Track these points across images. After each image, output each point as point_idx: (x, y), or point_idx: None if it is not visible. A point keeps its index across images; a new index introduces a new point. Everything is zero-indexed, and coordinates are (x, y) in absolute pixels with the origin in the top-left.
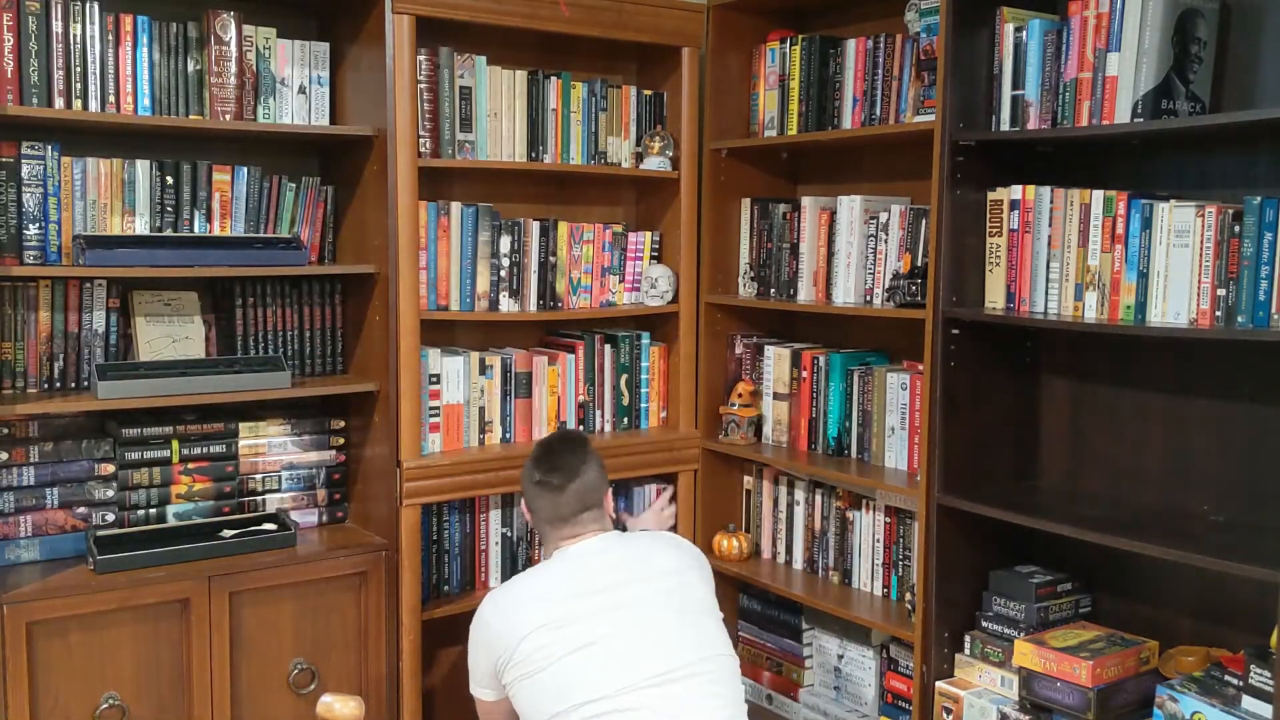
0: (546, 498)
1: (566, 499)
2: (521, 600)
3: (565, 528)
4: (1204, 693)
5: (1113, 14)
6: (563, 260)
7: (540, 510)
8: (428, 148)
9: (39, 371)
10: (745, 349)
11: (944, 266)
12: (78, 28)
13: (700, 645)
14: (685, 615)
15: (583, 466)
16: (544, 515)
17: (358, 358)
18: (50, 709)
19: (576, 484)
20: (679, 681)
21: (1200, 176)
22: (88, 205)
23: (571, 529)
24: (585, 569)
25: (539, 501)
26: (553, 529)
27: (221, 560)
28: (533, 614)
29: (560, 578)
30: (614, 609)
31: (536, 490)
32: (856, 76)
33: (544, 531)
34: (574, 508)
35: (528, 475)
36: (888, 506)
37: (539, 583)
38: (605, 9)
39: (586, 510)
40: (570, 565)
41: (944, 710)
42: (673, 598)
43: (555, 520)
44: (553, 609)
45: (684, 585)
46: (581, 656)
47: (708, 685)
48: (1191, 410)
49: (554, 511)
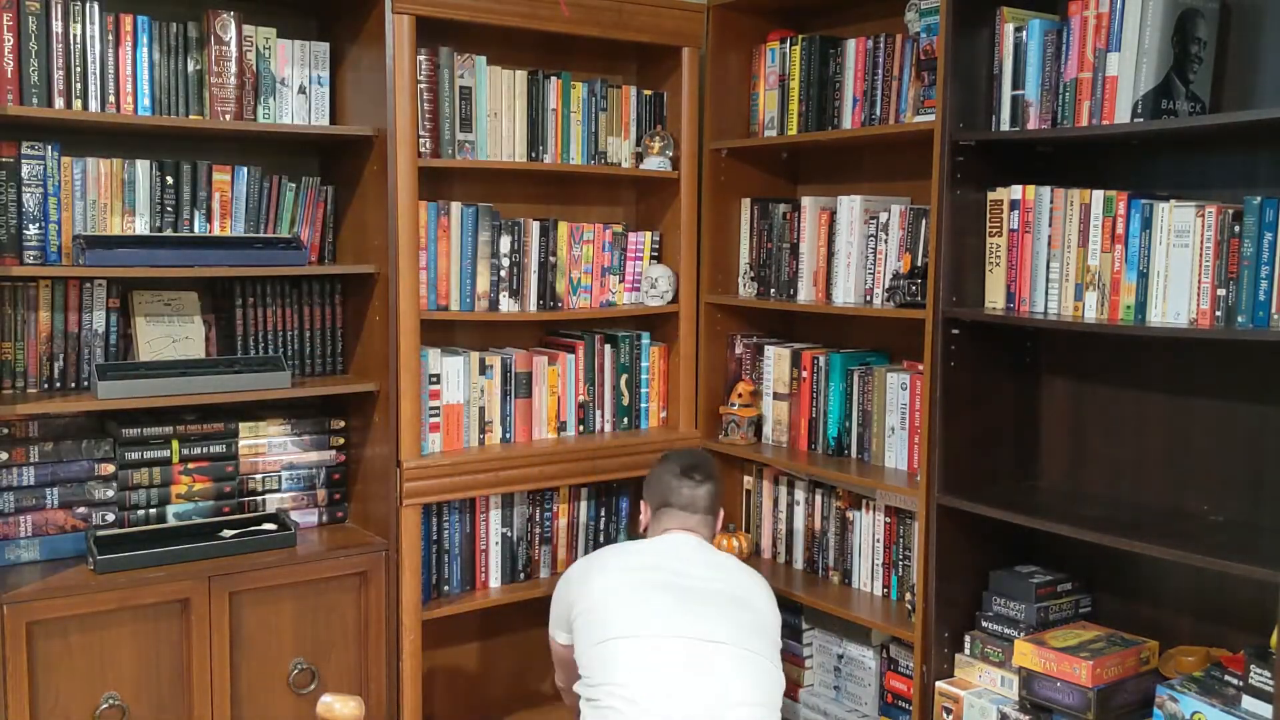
0: (688, 489)
1: (703, 494)
2: (603, 558)
3: (689, 519)
4: (1204, 693)
5: (1113, 14)
6: (563, 260)
7: (677, 498)
8: (428, 148)
9: (39, 371)
10: (745, 349)
11: (944, 266)
12: (78, 28)
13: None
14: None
15: (715, 477)
16: (679, 502)
17: (358, 358)
18: (50, 709)
19: (712, 485)
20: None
21: (1200, 176)
22: (88, 205)
23: (692, 522)
24: (673, 552)
25: (680, 490)
26: (677, 517)
27: (221, 560)
28: (608, 569)
29: (646, 554)
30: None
31: (680, 480)
32: (856, 76)
33: (663, 519)
34: (705, 504)
35: (667, 469)
36: (888, 506)
37: (627, 555)
38: (605, 9)
39: (710, 514)
40: (663, 546)
41: (944, 710)
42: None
43: (687, 508)
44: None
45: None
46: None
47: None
48: (1191, 410)
49: (690, 500)
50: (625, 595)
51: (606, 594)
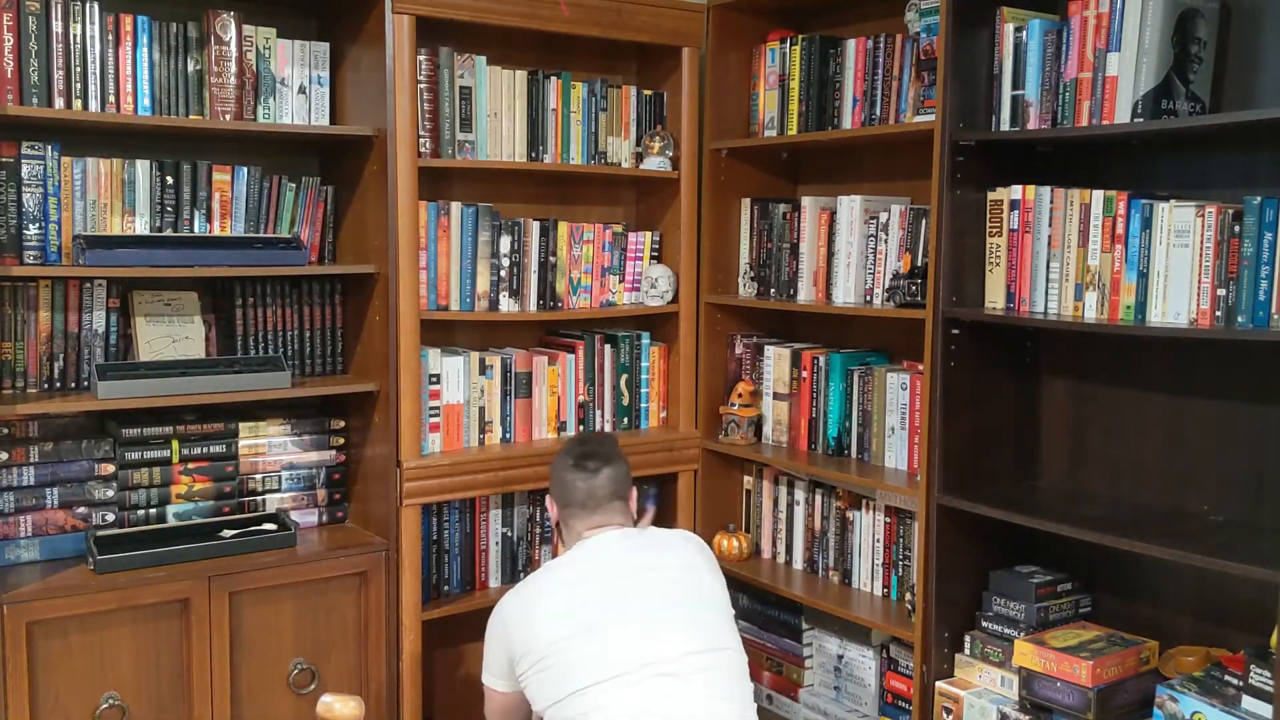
0: (582, 481)
1: (601, 482)
2: (538, 591)
3: (595, 515)
4: (1204, 693)
5: (1113, 14)
6: (563, 260)
7: (574, 495)
8: (428, 148)
9: (39, 371)
10: (745, 349)
11: (944, 266)
12: (78, 28)
13: (707, 638)
14: (692, 608)
15: (615, 457)
16: (577, 499)
17: (358, 358)
18: (50, 709)
19: (610, 469)
20: (681, 676)
21: (1200, 176)
22: (88, 205)
23: (600, 517)
24: (600, 558)
25: (574, 485)
26: (582, 515)
27: (221, 560)
28: (547, 604)
29: (576, 567)
30: (622, 596)
31: (573, 474)
32: (856, 76)
33: (571, 520)
34: (607, 492)
35: (561, 463)
36: (888, 506)
37: (555, 574)
38: (605, 9)
39: (617, 499)
40: (587, 555)
41: (944, 710)
42: (684, 589)
43: (588, 504)
44: (564, 596)
45: (695, 578)
46: (584, 642)
47: (716, 682)
48: (1191, 410)
49: (588, 494)
50: (579, 639)
51: (557, 641)
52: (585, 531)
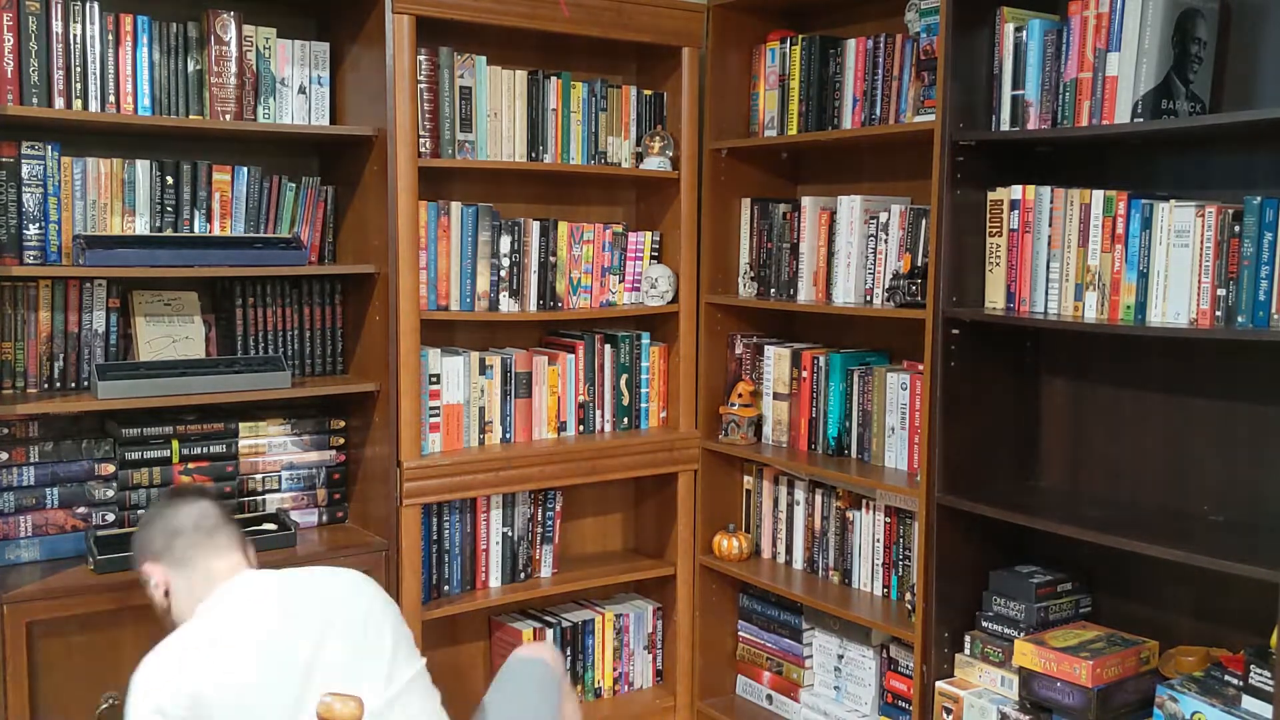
0: (185, 508)
1: (207, 505)
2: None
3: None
4: (1204, 693)
5: (1113, 14)
6: (563, 260)
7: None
8: (428, 148)
9: (39, 371)
10: (745, 349)
11: (944, 266)
12: (78, 28)
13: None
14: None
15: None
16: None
17: (358, 358)
18: (50, 709)
19: (211, 498)
20: None
21: (1200, 176)
22: (88, 205)
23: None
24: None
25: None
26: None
27: None
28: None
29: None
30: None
31: (171, 507)
32: (856, 76)
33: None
34: (219, 515)
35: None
36: (888, 506)
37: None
38: (605, 9)
39: (231, 524)
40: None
41: (944, 710)
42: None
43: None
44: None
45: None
46: None
47: None
48: (1191, 410)
49: (199, 517)
50: None
51: None
52: (216, 566)
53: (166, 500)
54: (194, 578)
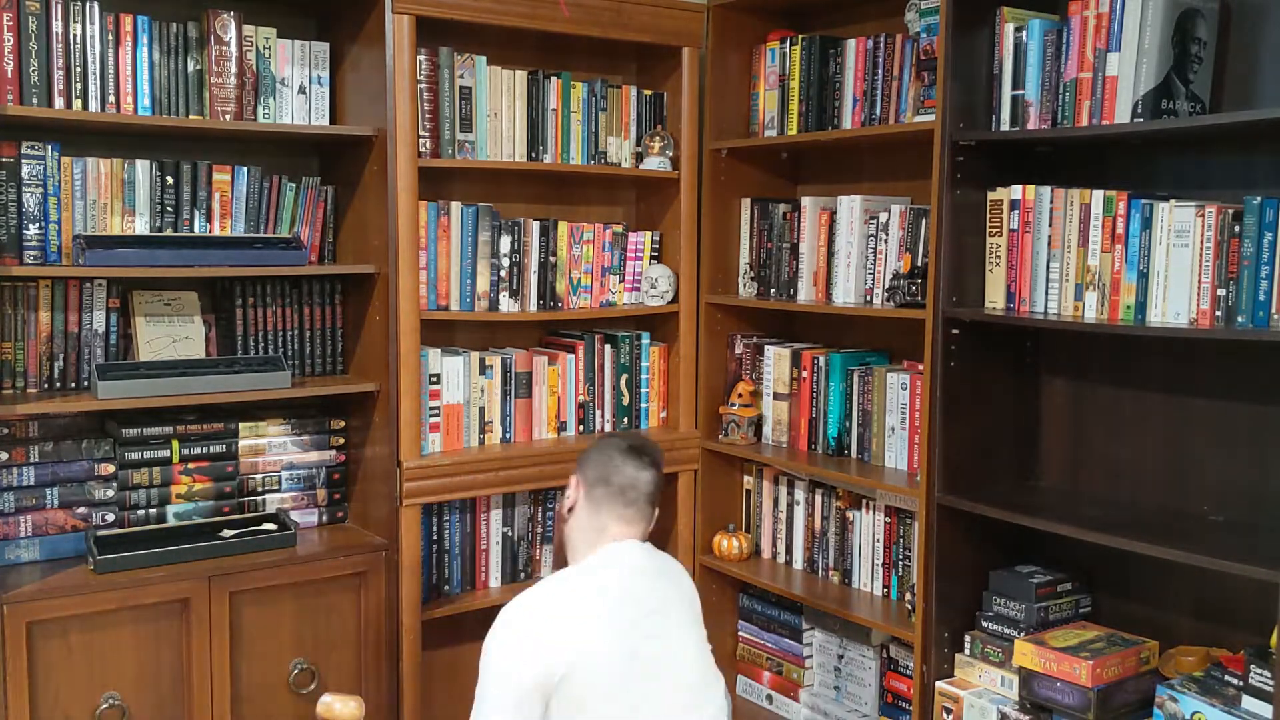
0: (632, 468)
1: (648, 478)
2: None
3: (630, 510)
4: (1204, 693)
5: (1113, 14)
6: (563, 260)
7: (617, 477)
8: (428, 148)
9: (39, 371)
10: (745, 349)
11: (944, 266)
12: (78, 28)
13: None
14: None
15: (662, 465)
16: (619, 482)
17: (358, 358)
18: (50, 709)
19: (658, 473)
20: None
21: (1200, 176)
22: (88, 205)
23: (631, 518)
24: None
25: (622, 469)
26: (618, 505)
27: (221, 560)
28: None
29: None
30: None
31: (624, 458)
32: (856, 76)
33: (601, 506)
34: (649, 492)
35: (611, 443)
36: (888, 506)
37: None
38: (605, 9)
39: (650, 505)
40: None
41: (944, 710)
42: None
43: (628, 493)
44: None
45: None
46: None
47: None
48: (1191, 410)
49: (632, 483)
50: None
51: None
52: (614, 529)
53: (627, 447)
54: (594, 521)
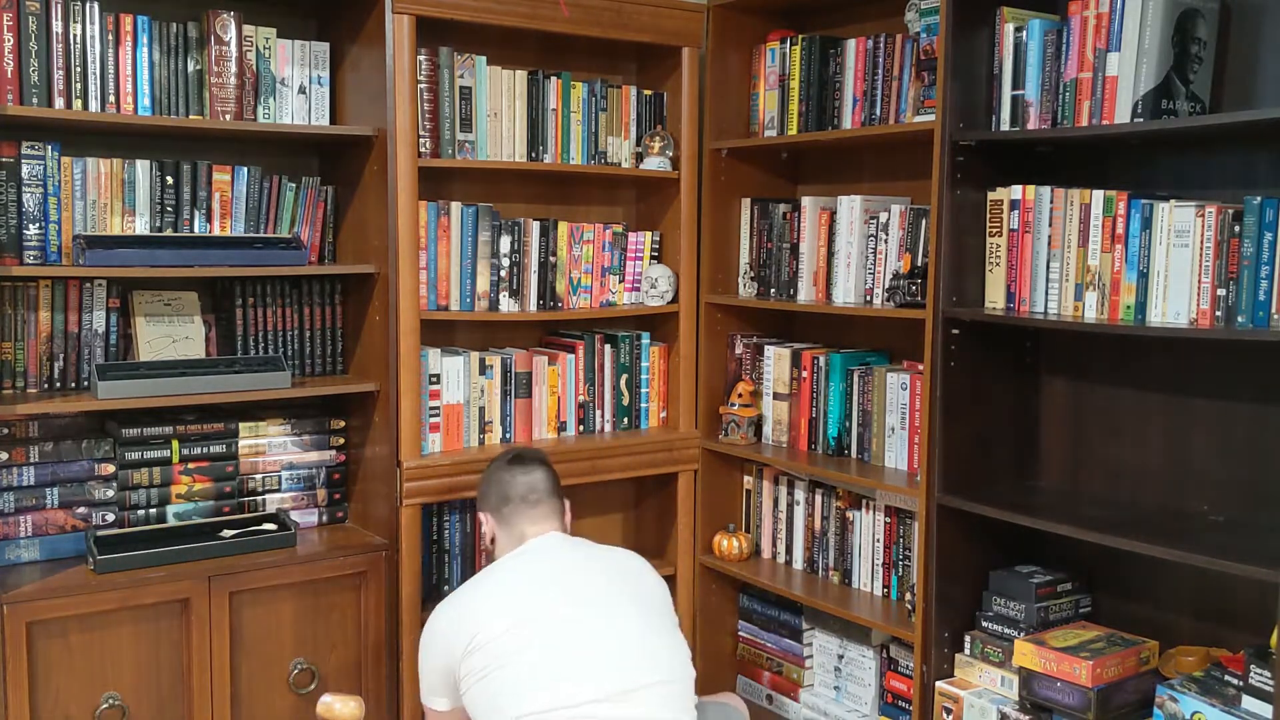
0: (521, 475)
1: (539, 478)
2: (480, 593)
3: (538, 509)
4: (1204, 693)
5: (1113, 14)
6: (563, 260)
7: (513, 489)
8: (428, 148)
9: (39, 371)
10: (745, 349)
11: (944, 266)
12: (78, 28)
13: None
14: (650, 621)
15: (547, 463)
16: (517, 493)
17: (358, 358)
18: (50, 709)
19: (545, 470)
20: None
21: (1200, 176)
22: (88, 205)
23: (541, 517)
24: (547, 561)
25: (513, 481)
26: (524, 511)
27: (221, 560)
28: (492, 605)
29: (522, 569)
30: (578, 605)
31: (509, 472)
32: (856, 76)
33: (512, 520)
34: (547, 488)
35: (493, 467)
36: (888, 506)
37: (499, 576)
38: (605, 9)
39: (556, 498)
40: (532, 557)
41: (944, 710)
42: (638, 602)
43: (529, 497)
44: (514, 600)
45: (647, 588)
46: (538, 658)
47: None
48: (1191, 410)
49: (529, 488)
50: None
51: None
52: (530, 531)
53: (506, 463)
54: (512, 535)
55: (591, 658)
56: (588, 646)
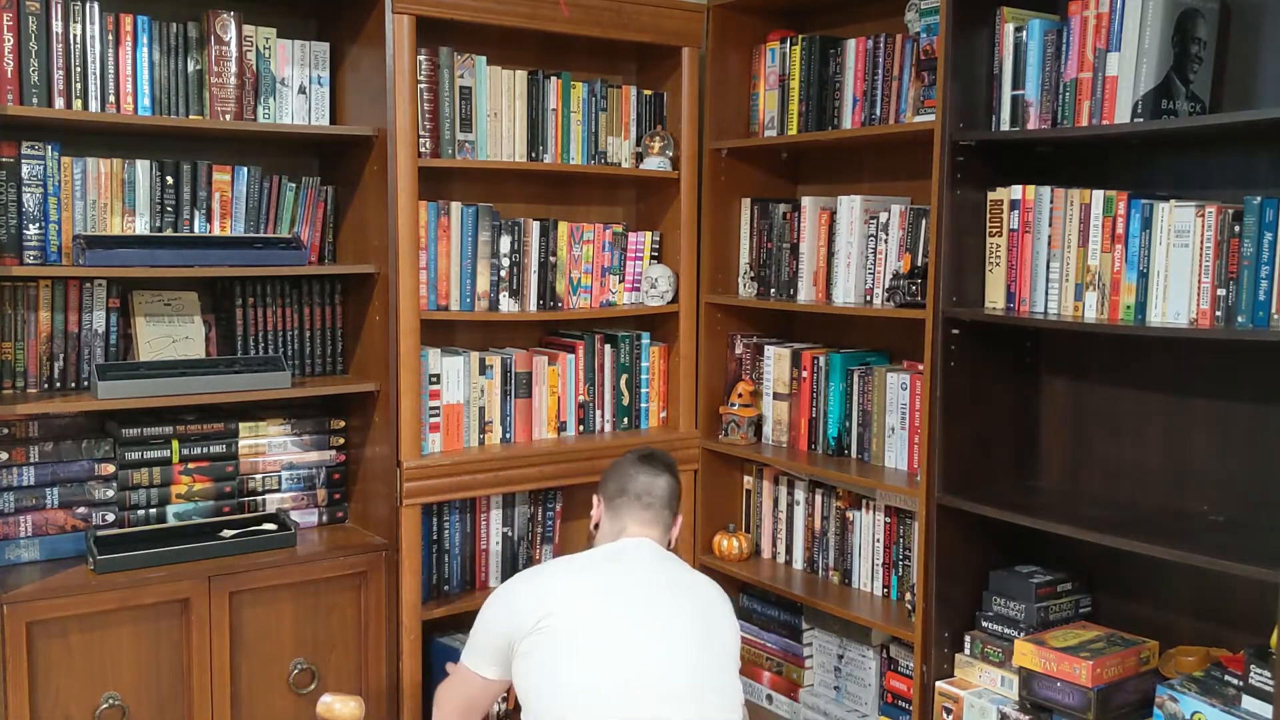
0: (643, 477)
1: (662, 484)
2: (557, 572)
3: (647, 513)
4: (1204, 693)
5: (1113, 14)
6: (563, 260)
7: (633, 484)
8: (428, 148)
9: (39, 371)
10: (745, 349)
11: (944, 266)
12: (78, 28)
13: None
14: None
15: (676, 473)
16: (634, 489)
17: (358, 358)
18: (50, 709)
19: (672, 479)
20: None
21: (1200, 176)
22: (88, 205)
23: (649, 521)
24: (628, 562)
25: (636, 477)
26: (635, 509)
27: (221, 560)
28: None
29: (601, 560)
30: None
31: (637, 467)
32: (856, 76)
33: (620, 512)
34: (664, 496)
35: (627, 458)
36: (888, 506)
37: (579, 560)
38: (605, 9)
39: (669, 511)
40: (616, 553)
41: (944, 710)
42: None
43: (644, 498)
44: (588, 585)
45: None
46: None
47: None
48: (1191, 410)
49: (647, 488)
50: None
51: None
52: (631, 528)
53: (638, 459)
54: (615, 526)
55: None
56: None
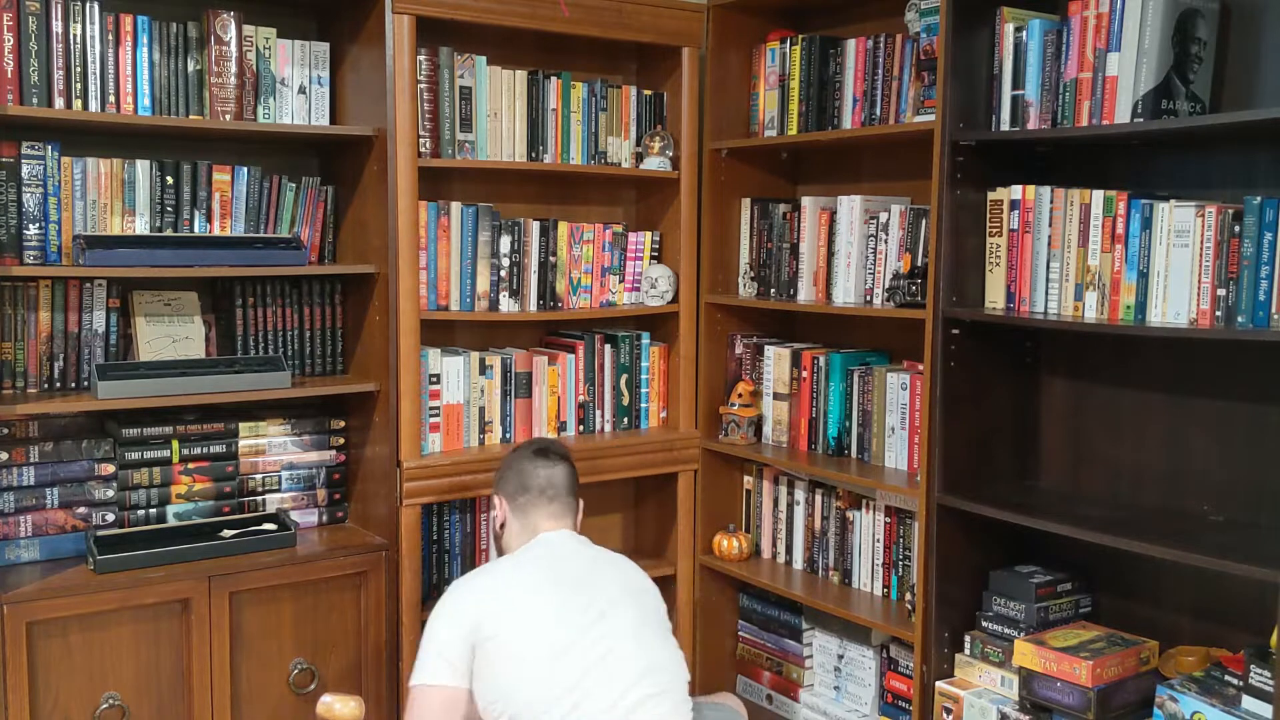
0: (543, 469)
1: (560, 473)
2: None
3: (554, 505)
4: (1204, 693)
5: (1113, 14)
6: (563, 260)
7: (533, 481)
8: (428, 148)
9: (39, 371)
10: (745, 349)
11: (944, 266)
12: (78, 28)
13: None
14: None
15: (570, 459)
16: (536, 485)
17: (358, 358)
18: (50, 709)
19: (568, 466)
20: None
21: (1200, 176)
22: (88, 205)
23: (557, 513)
24: (567, 560)
25: (535, 473)
26: (541, 505)
27: (221, 560)
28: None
29: (545, 566)
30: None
31: (532, 463)
32: (856, 76)
33: (528, 511)
34: (566, 486)
35: (516, 455)
36: (888, 506)
37: (524, 567)
38: (605, 9)
39: (572, 496)
40: (553, 553)
41: (944, 710)
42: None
43: (548, 491)
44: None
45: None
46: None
47: None
48: (1191, 410)
49: (548, 481)
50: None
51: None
52: (544, 525)
53: (532, 453)
54: (525, 525)
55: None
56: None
